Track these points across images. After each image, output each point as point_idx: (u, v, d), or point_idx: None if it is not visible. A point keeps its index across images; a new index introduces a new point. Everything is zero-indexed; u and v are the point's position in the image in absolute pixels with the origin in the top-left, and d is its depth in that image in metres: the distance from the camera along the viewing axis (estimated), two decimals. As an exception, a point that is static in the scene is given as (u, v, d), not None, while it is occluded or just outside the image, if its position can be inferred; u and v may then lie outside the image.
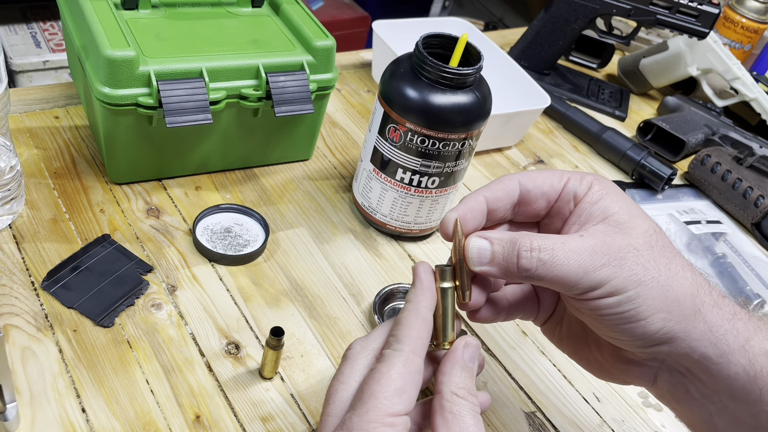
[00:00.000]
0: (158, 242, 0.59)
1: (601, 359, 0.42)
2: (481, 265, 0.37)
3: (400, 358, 0.35)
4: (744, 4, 1.04)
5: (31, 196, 0.59)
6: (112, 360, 0.49)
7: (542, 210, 0.40)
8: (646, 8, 0.89)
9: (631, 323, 0.36)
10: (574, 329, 0.43)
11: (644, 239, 0.36)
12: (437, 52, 0.58)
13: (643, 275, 0.35)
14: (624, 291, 0.35)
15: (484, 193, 0.39)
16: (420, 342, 0.36)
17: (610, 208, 0.37)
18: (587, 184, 0.39)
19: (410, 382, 0.35)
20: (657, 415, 0.56)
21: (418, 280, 0.38)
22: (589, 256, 0.35)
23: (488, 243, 0.37)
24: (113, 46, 0.55)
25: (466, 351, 0.37)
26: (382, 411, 0.33)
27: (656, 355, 0.38)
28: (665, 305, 0.35)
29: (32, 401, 0.45)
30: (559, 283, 0.35)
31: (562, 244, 0.35)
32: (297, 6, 0.68)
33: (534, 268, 0.35)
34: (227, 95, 0.60)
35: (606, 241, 0.36)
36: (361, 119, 0.81)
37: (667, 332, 0.36)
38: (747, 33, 1.05)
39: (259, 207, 0.65)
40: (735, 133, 0.91)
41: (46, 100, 0.70)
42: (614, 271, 0.35)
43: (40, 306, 0.51)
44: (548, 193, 0.40)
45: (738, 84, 0.93)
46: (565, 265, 0.35)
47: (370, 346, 0.38)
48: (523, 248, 0.36)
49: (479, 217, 0.39)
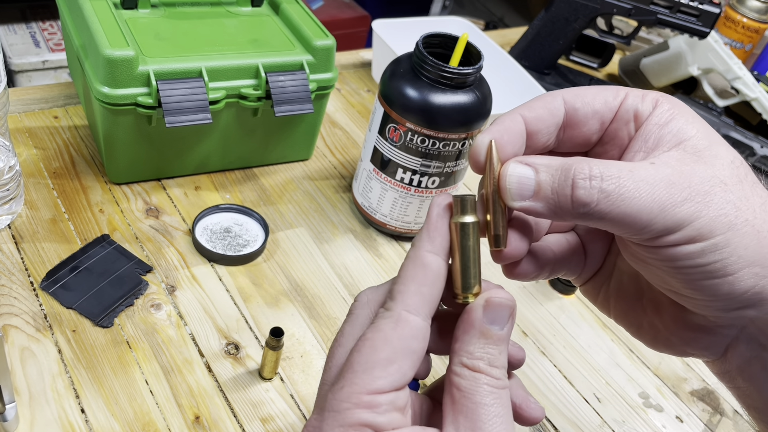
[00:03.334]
0: (157, 242, 0.58)
1: (660, 325, 0.34)
2: (523, 200, 0.29)
3: (389, 320, 0.28)
4: (745, 4, 1.04)
5: (30, 196, 0.59)
6: (111, 360, 0.49)
7: (594, 134, 0.32)
8: (647, 8, 0.89)
9: (715, 278, 0.28)
10: (625, 287, 0.35)
11: (731, 171, 0.28)
12: (437, 51, 0.58)
13: (735, 217, 0.27)
14: (711, 236, 0.27)
15: (522, 111, 0.31)
16: (418, 298, 0.29)
17: (685, 130, 0.29)
18: (652, 101, 0.30)
19: (400, 351, 0.28)
20: (658, 415, 0.56)
21: (426, 217, 0.30)
22: (666, 188, 0.27)
23: (532, 170, 0.29)
24: (112, 45, 0.54)
25: (488, 310, 0.29)
26: (358, 387, 0.27)
27: (737, 320, 0.31)
28: (760, 257, 0.28)
29: (31, 402, 0.45)
30: (627, 222, 0.27)
31: (630, 171, 0.27)
32: (297, 5, 0.68)
33: (595, 201, 0.27)
34: (227, 95, 0.60)
35: (685, 171, 0.28)
36: (361, 119, 0.81)
37: (759, 292, 0.28)
38: (748, 32, 1.05)
39: (258, 207, 0.65)
40: (736, 133, 0.90)
41: (45, 100, 0.70)
42: (699, 209, 0.27)
43: (39, 306, 0.51)
44: (601, 111, 0.31)
45: (739, 84, 0.93)
46: (636, 198, 0.27)
47: (377, 299, 0.31)
48: (579, 175, 0.27)
49: (518, 140, 0.30)
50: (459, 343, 0.29)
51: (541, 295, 0.64)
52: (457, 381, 0.28)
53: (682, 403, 0.58)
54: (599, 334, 0.62)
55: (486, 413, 0.27)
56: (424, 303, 0.29)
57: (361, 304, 0.31)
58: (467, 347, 0.29)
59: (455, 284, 0.30)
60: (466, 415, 0.27)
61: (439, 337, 0.32)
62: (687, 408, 0.57)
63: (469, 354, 0.28)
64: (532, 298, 0.63)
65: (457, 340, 0.29)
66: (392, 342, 0.28)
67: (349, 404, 0.27)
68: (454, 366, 0.28)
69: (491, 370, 0.28)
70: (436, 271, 0.29)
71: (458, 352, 0.29)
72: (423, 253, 0.29)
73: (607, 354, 0.60)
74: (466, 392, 0.28)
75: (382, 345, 0.28)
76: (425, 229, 0.30)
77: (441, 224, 0.30)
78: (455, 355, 0.29)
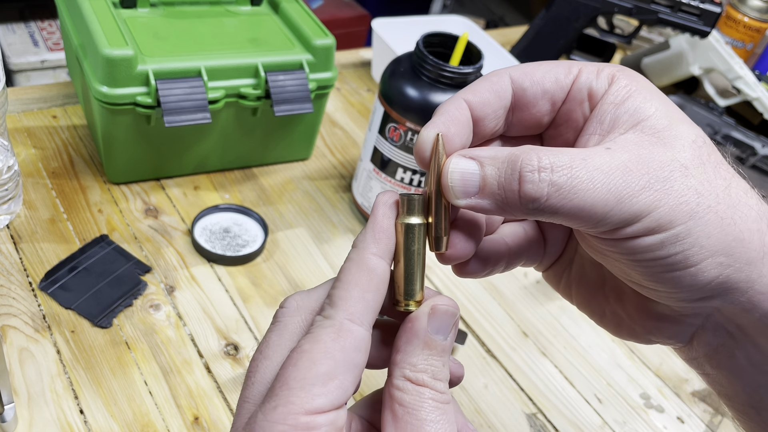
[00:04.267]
0: (156, 242, 0.58)
1: (622, 314, 0.32)
2: (467, 197, 0.26)
3: (330, 329, 0.25)
4: (746, 3, 1.04)
5: (29, 196, 0.59)
6: (110, 361, 0.48)
7: (545, 116, 0.29)
8: (648, 7, 0.89)
9: (677, 270, 0.26)
10: (587, 275, 0.33)
11: (692, 152, 0.26)
12: (438, 51, 0.57)
13: (696, 204, 0.25)
14: (671, 226, 0.25)
15: (467, 96, 0.28)
16: (362, 305, 0.26)
17: (643, 109, 0.27)
18: (607, 77, 0.28)
19: (342, 364, 0.25)
20: (659, 416, 0.56)
21: (371, 215, 0.28)
22: (622, 176, 0.25)
23: (476, 164, 0.26)
24: (111, 45, 0.54)
25: (432, 319, 0.27)
26: (295, 407, 0.24)
27: (701, 310, 0.29)
28: (724, 246, 0.26)
29: (30, 402, 0.45)
30: (582, 216, 0.25)
31: (583, 160, 0.25)
32: (296, 4, 0.68)
33: (545, 196, 0.25)
34: (226, 94, 0.60)
35: (642, 156, 0.25)
36: (361, 118, 0.81)
37: (724, 282, 0.26)
38: (749, 32, 1.05)
39: (258, 207, 0.65)
40: (737, 133, 0.90)
41: (44, 100, 0.69)
42: (658, 198, 0.25)
43: (37, 306, 0.51)
44: (552, 91, 0.28)
45: (740, 83, 0.93)
46: (590, 190, 0.25)
47: (311, 307, 0.27)
48: (527, 167, 0.25)
49: (465, 131, 0.28)
50: (401, 354, 0.26)
51: (541, 296, 0.64)
52: (399, 396, 0.26)
53: (684, 403, 0.57)
54: (600, 334, 0.61)
55: (432, 430, 0.25)
56: (368, 311, 0.26)
57: (290, 311, 0.27)
58: (410, 359, 0.26)
59: (397, 290, 0.28)
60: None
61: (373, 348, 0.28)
62: (688, 409, 0.57)
63: (412, 366, 0.26)
64: (533, 299, 0.63)
65: (399, 351, 0.27)
66: (333, 354, 0.25)
67: (284, 426, 0.23)
68: (396, 380, 0.26)
69: (435, 383, 0.26)
70: (381, 276, 0.27)
71: (400, 364, 0.26)
72: (368, 255, 0.27)
73: (608, 354, 0.60)
74: (409, 408, 0.25)
75: (322, 358, 0.24)
76: (370, 228, 0.27)
77: (387, 224, 0.27)
78: (396, 368, 0.26)
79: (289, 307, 0.27)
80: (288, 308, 0.27)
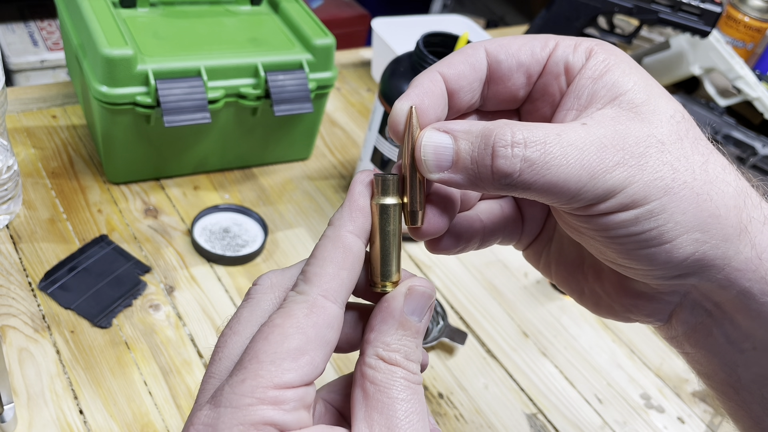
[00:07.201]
0: (156, 242, 0.58)
1: (601, 291, 0.32)
2: (440, 171, 0.26)
3: (303, 305, 0.25)
4: (747, 3, 1.04)
5: (29, 196, 0.59)
6: (109, 361, 0.48)
7: (520, 89, 0.29)
8: (649, 7, 0.89)
9: (652, 247, 0.26)
10: (566, 253, 0.33)
11: (670, 127, 0.26)
12: (438, 50, 0.57)
13: (672, 180, 0.25)
14: (645, 202, 0.25)
15: (441, 69, 0.28)
16: (336, 282, 0.26)
17: (621, 83, 0.26)
18: (585, 51, 0.28)
19: (314, 340, 0.24)
20: (659, 416, 0.56)
21: (348, 194, 0.28)
22: (597, 152, 0.25)
23: (450, 137, 0.26)
24: (111, 44, 0.54)
25: (409, 299, 0.27)
26: (264, 381, 0.23)
27: (679, 287, 0.29)
28: (700, 222, 0.26)
29: (29, 402, 0.45)
30: (555, 192, 0.25)
31: (557, 135, 0.25)
32: (296, 4, 0.68)
33: (517, 171, 0.24)
34: (226, 94, 0.59)
35: (618, 131, 0.25)
36: (361, 118, 0.80)
37: (700, 259, 0.26)
38: (749, 32, 1.05)
39: (257, 207, 0.64)
40: (738, 133, 0.90)
41: (43, 100, 0.69)
42: (632, 174, 0.25)
43: (37, 307, 0.51)
44: (527, 63, 0.28)
45: (741, 83, 0.93)
46: (563, 166, 0.24)
47: (285, 284, 0.27)
48: (500, 142, 0.24)
49: (440, 103, 0.28)
50: (375, 333, 0.26)
51: (542, 296, 0.64)
52: (371, 374, 0.25)
53: (684, 404, 0.57)
54: (600, 334, 0.61)
55: (403, 409, 0.25)
56: (342, 288, 0.26)
57: (264, 288, 0.27)
58: (384, 338, 0.26)
59: (373, 271, 0.28)
60: (381, 411, 0.25)
61: (344, 330, 0.28)
62: (689, 409, 0.57)
63: (385, 345, 0.26)
64: (533, 299, 0.63)
65: (373, 330, 0.26)
66: (305, 330, 0.24)
67: (252, 399, 0.23)
68: (368, 358, 0.26)
69: (408, 363, 0.26)
70: (357, 254, 0.26)
71: (374, 342, 0.26)
72: (344, 233, 0.26)
73: (609, 355, 0.60)
74: (381, 386, 0.25)
75: (294, 333, 0.24)
76: (346, 206, 0.27)
77: (363, 203, 0.27)
78: (369, 346, 0.26)
79: (263, 284, 0.27)
80: (261, 285, 0.27)
